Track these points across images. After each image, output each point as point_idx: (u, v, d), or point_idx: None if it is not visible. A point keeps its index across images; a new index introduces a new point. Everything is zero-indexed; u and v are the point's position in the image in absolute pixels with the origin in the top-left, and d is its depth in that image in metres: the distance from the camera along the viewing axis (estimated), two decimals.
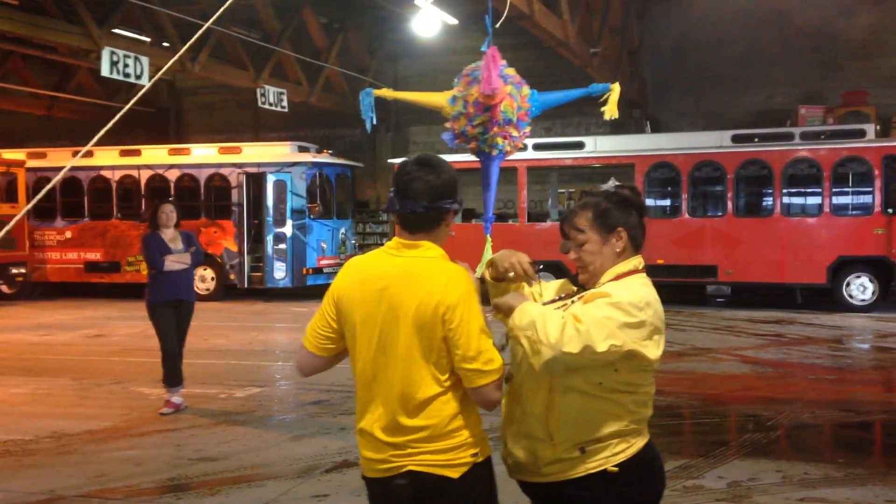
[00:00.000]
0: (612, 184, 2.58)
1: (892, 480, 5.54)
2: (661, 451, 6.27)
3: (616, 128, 20.60)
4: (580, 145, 16.18)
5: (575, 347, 2.23)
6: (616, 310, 2.30)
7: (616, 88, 5.01)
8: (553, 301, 2.59)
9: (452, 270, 2.40)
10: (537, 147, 16.25)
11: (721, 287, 14.98)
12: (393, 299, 2.35)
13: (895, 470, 5.96)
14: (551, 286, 2.71)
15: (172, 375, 7.40)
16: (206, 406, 7.69)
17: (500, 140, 4.88)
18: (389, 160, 18.53)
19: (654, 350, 2.38)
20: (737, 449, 6.33)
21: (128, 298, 16.67)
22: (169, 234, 7.45)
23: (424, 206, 2.40)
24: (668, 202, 16.02)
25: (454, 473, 2.35)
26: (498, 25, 5.01)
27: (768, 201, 14.93)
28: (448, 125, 5.10)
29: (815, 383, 8.86)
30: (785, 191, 14.70)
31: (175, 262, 7.35)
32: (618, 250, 2.51)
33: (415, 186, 2.40)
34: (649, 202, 15.75)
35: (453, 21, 16.90)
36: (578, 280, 2.62)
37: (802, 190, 15.06)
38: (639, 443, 2.47)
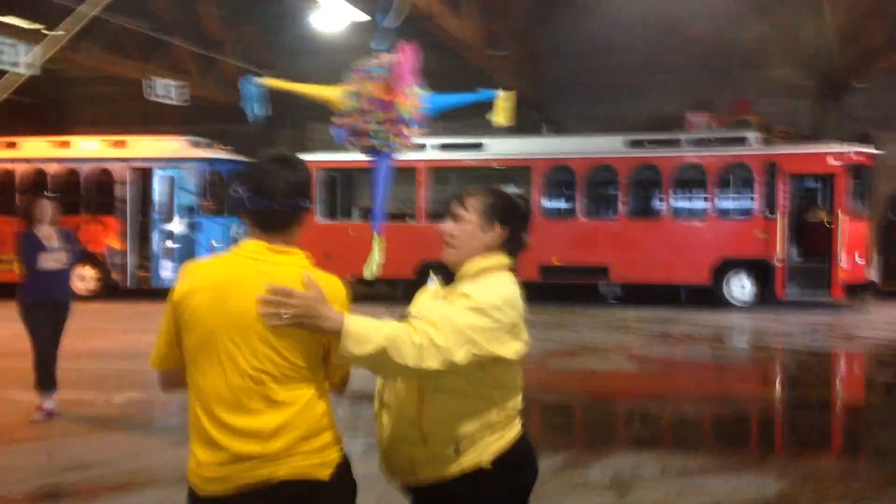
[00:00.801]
0: (512, 190, 2.70)
1: (763, 469, 5.80)
2: (550, 447, 6.38)
3: (517, 130, 20.92)
4: (480, 146, 16.33)
5: (435, 363, 2.21)
6: (476, 315, 2.31)
7: (503, 96, 5.08)
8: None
9: (333, 280, 2.33)
10: (437, 147, 16.30)
11: (613, 287, 15.39)
12: None
13: (767, 460, 6.25)
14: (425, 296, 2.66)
15: (45, 380, 7.01)
16: (82, 411, 7.31)
17: (392, 138, 4.85)
18: None
19: (511, 348, 2.41)
20: (621, 443, 6.50)
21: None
22: (45, 231, 7.06)
23: (286, 205, 2.29)
24: (564, 204, 16.35)
25: (325, 473, 2.28)
26: (393, 23, 4.98)
27: (658, 204, 15.45)
28: (338, 120, 5.03)
29: (696, 379, 9.21)
30: (673, 194, 15.26)
31: (50, 260, 6.97)
32: (488, 243, 2.53)
33: (274, 184, 2.28)
34: (546, 204, 16.05)
35: (359, 18, 16.72)
36: (442, 258, 2.59)
37: (690, 194, 15.66)
38: (510, 434, 2.49)
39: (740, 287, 14.75)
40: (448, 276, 2.59)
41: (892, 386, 9.13)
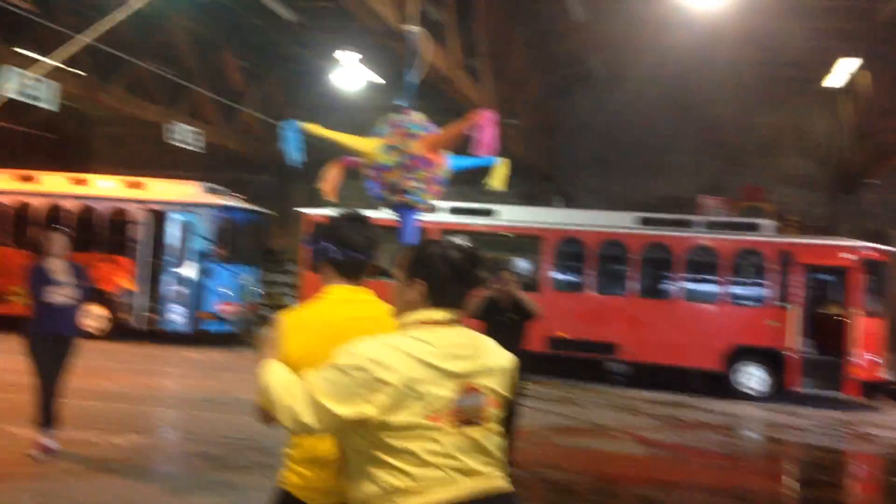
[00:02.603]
0: (460, 241, 2.73)
1: None
2: None
3: (529, 199, 21.00)
4: (490, 213, 16.33)
5: (287, 420, 2.29)
6: (329, 373, 2.29)
7: (504, 163, 5.23)
8: None
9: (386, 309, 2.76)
10: (452, 211, 16.31)
11: (621, 365, 15.15)
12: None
13: None
14: None
15: (46, 416, 6.82)
16: (81, 451, 7.09)
17: (430, 196, 4.89)
18: (295, 209, 18.10)
19: (368, 408, 2.23)
20: None
21: (6, 330, 15.53)
22: (55, 265, 6.95)
23: (367, 256, 2.77)
24: (573, 277, 16.21)
25: None
26: (416, 78, 5.04)
27: (669, 284, 15.31)
28: (373, 174, 5.01)
29: (707, 469, 8.95)
30: (685, 276, 15.12)
31: (58, 294, 6.84)
32: (408, 299, 2.46)
33: (357, 240, 2.75)
34: (556, 275, 15.91)
35: (375, 80, 17.00)
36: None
37: (701, 276, 15.49)
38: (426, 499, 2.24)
39: (752, 376, 14.45)
40: None
41: None
